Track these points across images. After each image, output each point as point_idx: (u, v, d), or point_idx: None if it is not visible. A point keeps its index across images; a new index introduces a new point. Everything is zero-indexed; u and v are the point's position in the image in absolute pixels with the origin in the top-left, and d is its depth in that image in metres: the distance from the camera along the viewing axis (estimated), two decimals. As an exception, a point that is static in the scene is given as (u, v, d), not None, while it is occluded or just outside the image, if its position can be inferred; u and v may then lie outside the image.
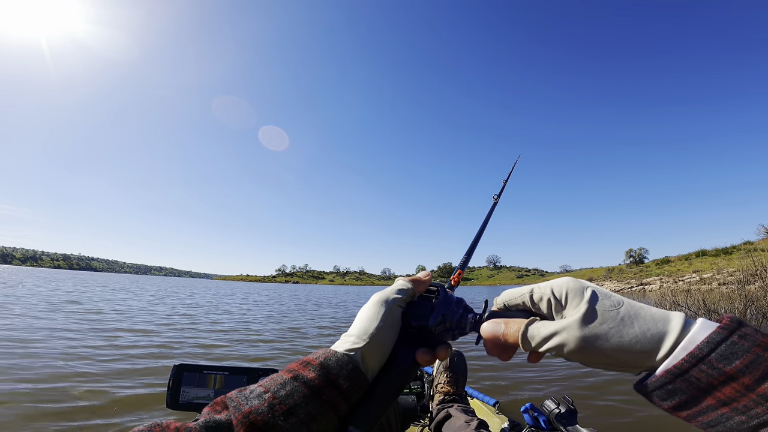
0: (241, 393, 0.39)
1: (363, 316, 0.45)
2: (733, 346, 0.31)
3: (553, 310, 0.40)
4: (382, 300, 0.46)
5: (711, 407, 0.31)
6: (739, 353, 0.31)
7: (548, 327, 0.38)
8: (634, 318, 0.35)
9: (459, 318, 0.47)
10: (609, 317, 0.36)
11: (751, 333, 0.32)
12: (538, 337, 0.38)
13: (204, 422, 0.36)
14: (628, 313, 0.36)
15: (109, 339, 5.22)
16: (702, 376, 0.31)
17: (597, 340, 0.35)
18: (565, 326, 0.37)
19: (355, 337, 0.44)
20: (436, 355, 0.46)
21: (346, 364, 0.41)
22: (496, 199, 0.87)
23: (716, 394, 0.31)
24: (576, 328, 0.36)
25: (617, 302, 0.37)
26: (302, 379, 0.39)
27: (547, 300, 0.40)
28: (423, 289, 0.50)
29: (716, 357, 0.31)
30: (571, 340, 0.36)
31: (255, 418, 0.36)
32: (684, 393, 0.32)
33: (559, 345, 0.37)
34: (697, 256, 29.71)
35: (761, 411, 0.29)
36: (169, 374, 0.97)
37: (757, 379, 0.30)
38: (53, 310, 7.99)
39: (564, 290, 0.39)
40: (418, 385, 1.73)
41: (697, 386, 0.32)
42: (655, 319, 0.35)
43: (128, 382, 3.34)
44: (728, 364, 0.31)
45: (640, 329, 0.35)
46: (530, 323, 0.40)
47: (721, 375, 0.31)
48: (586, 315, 0.36)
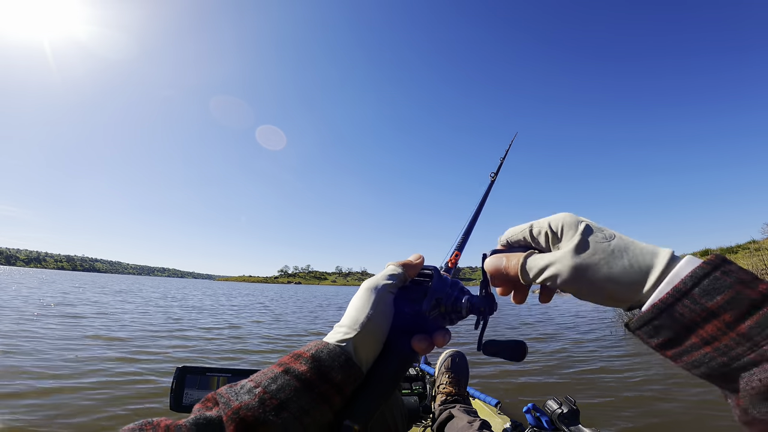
0: (231, 388, 0.38)
1: (353, 305, 0.44)
2: (716, 281, 0.31)
3: (550, 243, 0.41)
4: (372, 287, 0.44)
5: (694, 346, 0.31)
6: (721, 289, 0.31)
7: (544, 258, 0.40)
8: (623, 250, 0.36)
9: (454, 301, 0.45)
10: (600, 249, 0.37)
11: (734, 270, 0.31)
12: (535, 268, 0.40)
13: (194, 419, 0.35)
14: (619, 245, 0.36)
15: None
16: (686, 312, 0.31)
17: (588, 270, 0.36)
18: (559, 257, 0.38)
19: (346, 327, 0.42)
20: (434, 341, 0.44)
21: (339, 356, 0.40)
22: (493, 177, 0.86)
23: (699, 332, 0.31)
24: (569, 258, 0.37)
25: (609, 235, 0.38)
26: (293, 373, 0.38)
27: (544, 233, 0.41)
28: (415, 272, 0.48)
29: (699, 292, 0.31)
30: (564, 269, 0.37)
31: (245, 414, 0.35)
32: (669, 329, 0.32)
33: (553, 275, 0.38)
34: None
35: (741, 351, 0.29)
36: (172, 377, 0.97)
37: (737, 316, 0.30)
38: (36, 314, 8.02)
39: (560, 224, 0.40)
40: (419, 385, 1.68)
41: (681, 322, 0.32)
42: (643, 252, 0.35)
43: (129, 385, 3.36)
44: (710, 300, 0.31)
45: (628, 261, 0.35)
46: (528, 255, 0.41)
47: (703, 311, 0.31)
48: (578, 246, 0.37)
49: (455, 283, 0.47)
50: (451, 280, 0.48)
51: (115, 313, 8.71)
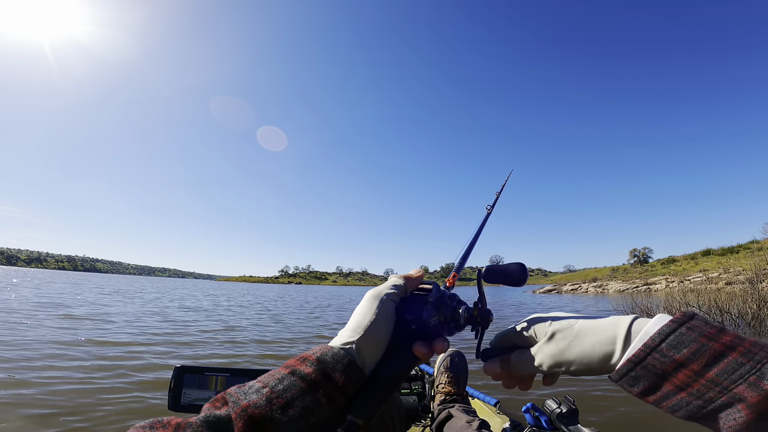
0: (240, 389, 0.40)
1: (357, 312, 0.48)
2: (681, 336, 0.36)
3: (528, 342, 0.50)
4: (375, 295, 0.49)
5: (671, 392, 0.36)
6: (686, 342, 0.36)
7: (525, 353, 0.49)
8: (587, 331, 0.44)
9: (453, 311, 0.49)
10: (567, 334, 0.46)
11: (699, 325, 0.37)
12: (522, 363, 0.49)
13: (204, 417, 0.37)
14: (582, 327, 0.45)
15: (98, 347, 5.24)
16: (657, 363, 0.37)
17: (563, 353, 0.45)
18: (537, 349, 0.48)
19: (350, 331, 0.46)
20: (433, 348, 0.48)
21: (342, 358, 0.42)
22: (489, 210, 0.90)
23: (672, 380, 0.36)
24: (544, 347, 0.47)
25: (572, 322, 0.47)
26: (299, 374, 0.41)
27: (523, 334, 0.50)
28: (415, 285, 0.52)
29: (666, 346, 0.37)
30: (545, 358, 0.46)
31: (253, 412, 0.37)
32: (646, 379, 0.38)
33: (539, 364, 0.47)
34: (703, 255, 29.38)
35: (713, 395, 0.34)
36: (171, 376, 0.97)
37: (704, 365, 0.34)
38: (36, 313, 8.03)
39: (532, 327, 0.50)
40: (419, 385, 1.71)
41: (655, 372, 0.37)
42: (605, 326, 0.43)
43: (128, 384, 3.36)
44: (677, 353, 0.36)
45: (594, 337, 0.43)
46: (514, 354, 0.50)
47: (672, 362, 0.36)
48: (549, 336, 0.47)
49: (453, 296, 0.51)
50: (449, 293, 0.52)
51: (111, 313, 8.71)
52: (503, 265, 0.54)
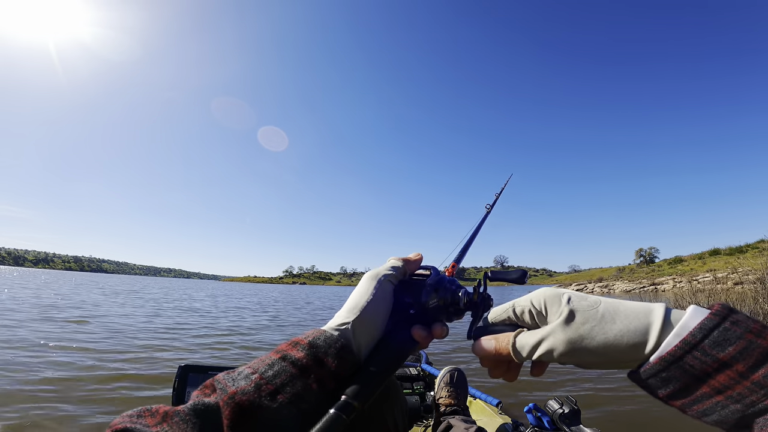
0: (229, 375, 0.39)
1: (355, 293, 0.46)
2: (726, 332, 0.31)
3: (536, 321, 0.41)
4: (373, 276, 0.46)
5: (705, 395, 0.31)
6: (732, 339, 0.31)
7: (535, 335, 0.40)
8: (614, 314, 0.36)
9: (452, 294, 0.47)
10: (590, 316, 0.37)
11: (742, 319, 0.32)
12: (528, 346, 0.40)
13: (193, 405, 0.36)
14: (608, 309, 0.37)
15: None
16: (696, 363, 0.31)
17: (583, 340, 0.36)
18: (550, 331, 0.38)
19: (346, 312, 0.44)
20: (432, 332, 0.46)
21: (335, 342, 0.41)
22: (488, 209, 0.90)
23: (711, 382, 0.31)
24: (560, 331, 0.37)
25: (595, 301, 0.38)
26: (290, 359, 0.39)
27: (528, 312, 0.42)
28: (414, 268, 0.50)
29: (709, 343, 0.31)
30: (558, 343, 0.37)
31: (241, 399, 0.36)
32: (678, 381, 0.33)
33: (548, 350, 0.38)
34: (710, 255, 29.06)
35: (756, 399, 0.29)
36: (175, 375, 0.98)
37: (750, 365, 0.30)
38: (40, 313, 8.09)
39: (542, 300, 0.41)
40: (421, 385, 1.70)
41: (692, 374, 0.32)
42: (636, 311, 0.36)
43: (132, 383, 3.38)
44: (721, 351, 0.31)
45: (622, 323, 0.35)
46: (517, 334, 0.42)
47: (714, 362, 0.31)
48: (567, 317, 0.38)
49: (453, 280, 0.49)
50: (448, 277, 0.50)
51: (116, 313, 8.78)
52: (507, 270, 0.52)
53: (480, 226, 0.78)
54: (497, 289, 42.25)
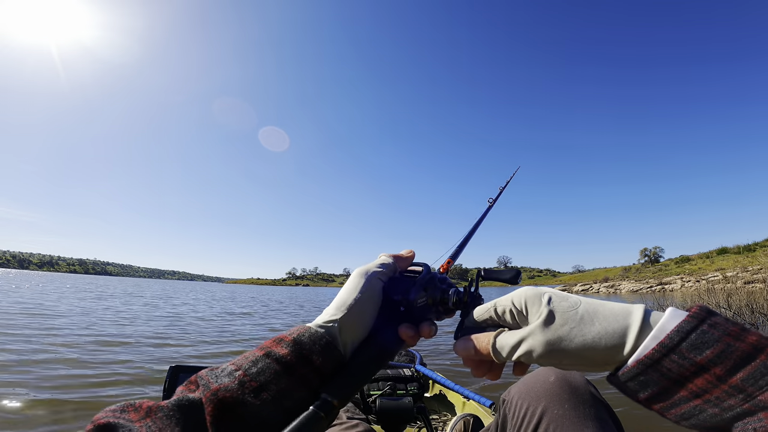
0: (212, 371, 0.39)
1: (343, 289, 0.45)
2: (704, 335, 0.31)
3: (517, 321, 0.41)
4: (362, 272, 0.45)
5: (683, 399, 0.31)
6: (710, 342, 0.30)
7: (514, 335, 0.39)
8: (593, 315, 0.36)
9: (442, 293, 0.47)
10: (569, 318, 0.37)
11: (721, 322, 0.31)
12: (507, 347, 0.39)
13: (177, 401, 0.35)
14: (587, 311, 0.36)
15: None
16: (673, 367, 0.31)
17: (561, 341, 0.36)
18: (529, 332, 0.38)
19: (333, 308, 0.43)
20: (420, 331, 0.45)
21: (320, 339, 0.40)
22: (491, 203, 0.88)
23: (688, 386, 0.31)
24: (539, 332, 0.37)
25: (575, 302, 0.38)
26: (274, 356, 0.39)
27: (509, 311, 0.41)
28: (405, 265, 0.50)
29: (687, 347, 0.31)
30: (537, 345, 0.37)
31: (224, 395, 0.35)
32: (656, 384, 0.32)
33: (527, 351, 0.38)
34: (718, 254, 28.74)
35: (734, 403, 0.29)
36: (165, 375, 0.96)
37: (728, 369, 0.29)
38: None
39: (522, 299, 0.40)
40: (414, 386, 1.69)
41: (669, 377, 0.31)
42: (615, 313, 0.35)
43: (122, 383, 3.19)
44: (699, 354, 0.30)
45: (601, 326, 0.35)
46: (498, 335, 0.41)
47: (692, 365, 0.31)
48: (546, 319, 0.37)
49: (444, 279, 0.49)
50: (440, 275, 0.49)
51: (112, 312, 8.63)
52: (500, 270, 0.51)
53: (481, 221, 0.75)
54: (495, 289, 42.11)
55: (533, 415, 0.65)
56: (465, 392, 1.95)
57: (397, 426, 1.43)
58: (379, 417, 1.42)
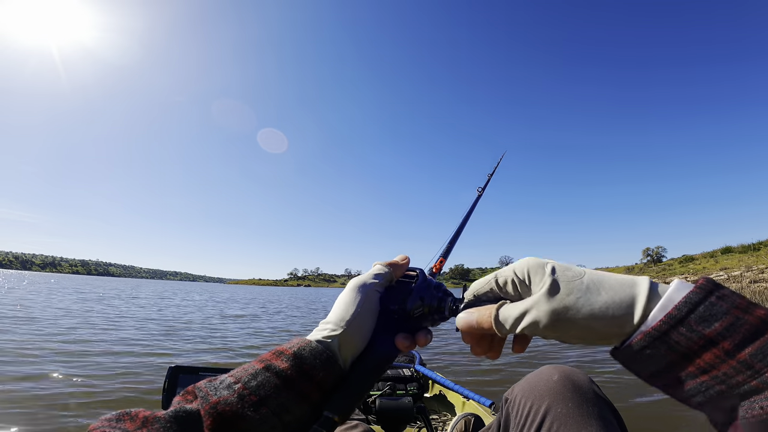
0: (211, 383, 0.38)
1: (340, 303, 0.44)
2: (712, 307, 0.29)
3: (520, 292, 0.39)
4: (359, 285, 0.45)
5: (690, 375, 0.30)
6: (719, 315, 0.29)
7: (518, 307, 0.37)
8: (599, 285, 0.35)
9: (438, 302, 0.46)
10: (575, 287, 0.35)
11: (729, 294, 0.30)
12: (510, 319, 0.37)
13: (174, 411, 0.34)
14: (593, 280, 0.35)
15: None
16: (681, 340, 0.30)
17: (568, 311, 0.34)
18: (533, 303, 0.36)
19: (332, 324, 0.43)
20: (416, 340, 0.45)
21: (321, 354, 0.40)
22: (480, 192, 0.86)
23: (696, 360, 0.29)
24: (544, 302, 0.35)
25: (579, 272, 0.36)
26: (274, 370, 0.38)
27: (511, 282, 0.39)
28: (401, 273, 0.49)
29: (695, 318, 0.29)
30: (542, 315, 0.35)
31: (223, 409, 0.35)
32: (663, 358, 0.31)
33: (532, 323, 0.36)
34: (723, 253, 28.62)
35: (741, 380, 0.28)
36: (165, 376, 0.96)
37: (737, 343, 0.28)
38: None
39: (525, 269, 0.39)
40: (414, 386, 1.68)
41: (677, 350, 0.30)
42: (621, 283, 0.34)
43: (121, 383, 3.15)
44: (707, 327, 0.29)
45: (608, 295, 0.34)
46: (500, 306, 0.39)
47: (700, 338, 0.29)
48: (551, 288, 0.35)
49: (439, 286, 0.49)
50: (435, 282, 0.49)
51: (113, 313, 8.61)
52: None
53: (470, 212, 0.74)
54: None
55: (537, 413, 0.65)
56: (465, 392, 1.94)
57: (396, 426, 1.40)
58: (379, 417, 1.39)
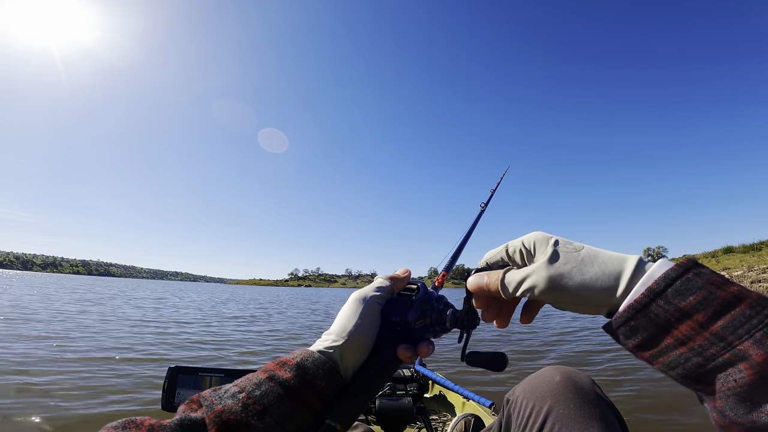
0: (215, 392, 0.39)
1: (342, 315, 0.46)
2: (688, 282, 0.32)
3: (525, 260, 0.43)
4: (360, 297, 0.47)
5: (670, 346, 0.32)
6: (693, 289, 0.32)
7: (521, 272, 0.42)
8: (593, 258, 0.39)
9: (439, 313, 0.47)
10: (571, 258, 0.39)
11: (706, 272, 0.33)
12: (514, 282, 0.42)
13: (179, 420, 0.35)
14: (588, 254, 0.39)
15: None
16: (660, 312, 0.32)
17: (562, 278, 0.38)
18: (534, 269, 0.41)
19: (334, 335, 0.44)
20: (418, 351, 0.47)
21: (323, 364, 0.41)
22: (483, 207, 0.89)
23: (674, 332, 0.32)
24: (543, 269, 0.40)
25: (578, 246, 0.41)
26: (278, 380, 0.40)
27: (519, 251, 0.44)
28: (402, 286, 0.50)
29: (672, 292, 0.32)
30: (540, 280, 0.40)
31: (228, 417, 0.36)
32: (645, 330, 0.34)
33: (531, 286, 0.40)
34: (724, 253, 28.55)
35: (715, 351, 0.30)
36: (164, 376, 0.97)
37: (709, 316, 0.31)
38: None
39: (532, 241, 0.43)
40: (414, 386, 1.70)
41: (656, 323, 0.33)
42: (612, 258, 0.38)
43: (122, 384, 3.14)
44: (683, 300, 0.32)
45: (599, 268, 0.38)
46: (506, 271, 0.44)
47: (676, 311, 0.32)
48: (551, 257, 0.40)
49: (440, 298, 0.50)
50: (436, 294, 0.50)
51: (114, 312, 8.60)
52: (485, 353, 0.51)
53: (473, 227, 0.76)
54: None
55: (538, 414, 0.66)
56: (465, 392, 1.94)
57: (396, 426, 1.40)
58: (379, 417, 1.38)
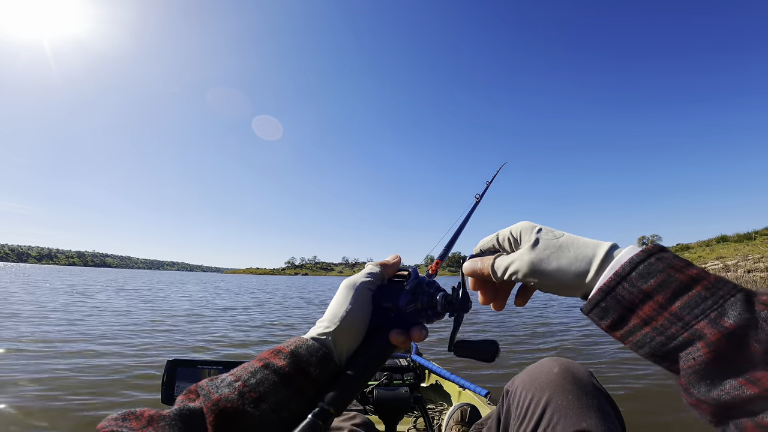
0: (212, 381, 0.40)
1: (334, 302, 0.47)
2: (650, 266, 0.35)
3: (513, 246, 0.47)
4: (351, 284, 0.48)
5: (637, 326, 0.35)
6: (654, 272, 0.35)
7: (508, 257, 0.46)
8: (570, 245, 0.42)
9: (430, 297, 0.48)
10: (550, 245, 0.43)
11: (668, 257, 0.36)
12: (502, 266, 0.46)
13: (178, 410, 0.36)
14: (566, 241, 0.43)
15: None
16: (625, 294, 0.36)
17: (541, 263, 0.43)
18: (519, 255, 0.45)
19: (326, 321, 0.46)
20: (411, 335, 0.47)
21: (317, 351, 0.42)
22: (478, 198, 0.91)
23: (639, 313, 0.35)
24: (526, 254, 0.44)
25: (559, 234, 0.44)
26: (272, 367, 0.41)
27: (507, 239, 0.48)
28: (392, 272, 0.52)
29: (635, 275, 0.36)
30: (523, 264, 0.44)
31: (225, 406, 0.37)
32: (614, 311, 0.37)
33: (515, 270, 0.44)
34: (718, 242, 28.80)
35: (675, 331, 0.33)
36: (163, 369, 0.98)
37: (668, 297, 0.34)
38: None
39: (519, 229, 0.47)
40: (411, 376, 1.71)
41: (623, 304, 0.36)
42: (586, 245, 0.42)
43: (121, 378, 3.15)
44: (645, 283, 0.35)
45: (574, 253, 0.41)
46: (497, 257, 0.48)
47: (639, 293, 0.35)
48: (533, 244, 0.44)
49: (432, 283, 0.50)
50: (427, 279, 0.50)
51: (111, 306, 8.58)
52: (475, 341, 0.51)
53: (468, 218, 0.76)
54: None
55: (537, 405, 0.68)
56: (461, 382, 1.96)
57: (394, 416, 1.40)
58: (376, 407, 1.38)
